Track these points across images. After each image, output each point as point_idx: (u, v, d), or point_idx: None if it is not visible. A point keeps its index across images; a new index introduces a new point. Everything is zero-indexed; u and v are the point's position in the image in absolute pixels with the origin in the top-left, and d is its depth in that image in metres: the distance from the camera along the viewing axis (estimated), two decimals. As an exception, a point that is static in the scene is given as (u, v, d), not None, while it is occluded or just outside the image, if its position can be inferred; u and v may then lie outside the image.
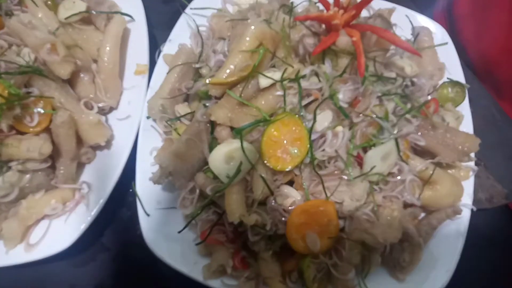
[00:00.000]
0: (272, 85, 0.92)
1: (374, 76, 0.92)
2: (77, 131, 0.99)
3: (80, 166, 1.04)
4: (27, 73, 0.92)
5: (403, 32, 1.12)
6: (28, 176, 0.95)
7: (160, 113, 1.03)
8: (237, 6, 1.17)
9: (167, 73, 1.07)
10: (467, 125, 1.06)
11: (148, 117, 1.06)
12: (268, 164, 0.86)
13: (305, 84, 0.89)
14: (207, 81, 0.94)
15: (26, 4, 1.04)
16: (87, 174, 1.04)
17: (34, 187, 0.97)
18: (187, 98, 1.08)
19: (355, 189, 0.88)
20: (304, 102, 0.88)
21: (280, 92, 0.91)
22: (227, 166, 0.88)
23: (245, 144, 0.87)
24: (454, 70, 1.12)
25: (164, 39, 1.15)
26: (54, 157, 0.98)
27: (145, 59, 1.11)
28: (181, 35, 1.14)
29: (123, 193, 1.08)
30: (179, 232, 0.96)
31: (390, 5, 1.15)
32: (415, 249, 0.95)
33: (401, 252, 0.95)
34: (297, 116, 0.87)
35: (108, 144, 1.04)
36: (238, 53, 0.94)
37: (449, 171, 1.02)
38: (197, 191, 0.96)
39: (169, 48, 1.13)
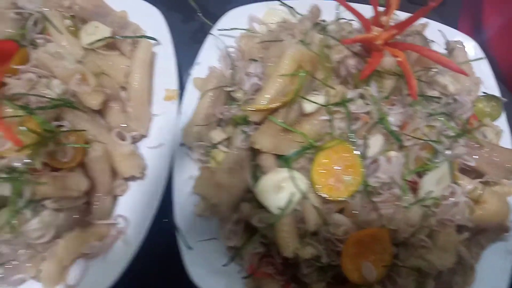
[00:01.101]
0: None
1: (420, 96, 0.90)
2: (111, 163, 0.95)
3: (113, 199, 0.99)
4: (59, 107, 0.87)
5: (436, 47, 1.10)
6: (63, 214, 0.90)
7: (196, 141, 0.99)
8: (265, 25, 1.14)
9: (200, 98, 1.03)
10: (506, 140, 1.05)
11: (181, 145, 1.03)
12: (322, 194, 0.83)
13: (352, 108, 0.87)
14: (248, 108, 0.90)
15: (48, 32, 0.99)
16: (121, 207, 0.99)
17: (70, 225, 0.92)
18: (219, 123, 1.05)
19: (411, 215, 0.85)
20: (353, 127, 0.85)
21: (325, 117, 0.88)
22: (277, 196, 0.84)
23: (295, 173, 0.84)
24: (488, 84, 1.11)
25: (187, 59, 1.11)
26: (88, 192, 0.93)
27: (174, 84, 1.06)
28: (208, 57, 1.11)
29: (156, 223, 1.04)
30: (225, 265, 0.92)
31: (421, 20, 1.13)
32: (467, 271, 0.93)
33: (452, 275, 0.93)
34: (348, 142, 0.84)
35: (141, 174, 1.00)
36: (278, 77, 0.91)
37: (493, 188, 1.00)
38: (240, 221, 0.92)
39: (197, 71, 1.09)
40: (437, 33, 1.13)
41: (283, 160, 0.86)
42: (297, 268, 0.89)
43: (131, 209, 0.98)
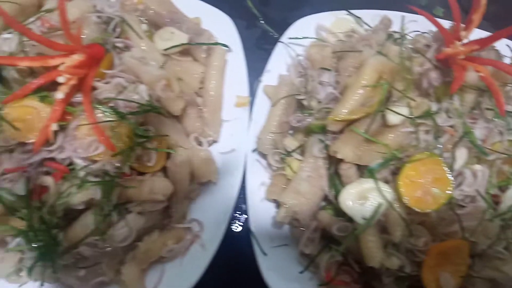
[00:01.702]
0: (398, 120, 0.90)
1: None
2: (190, 168, 0.96)
3: (189, 203, 1.01)
4: (147, 112, 0.89)
5: (508, 61, 1.11)
6: (144, 217, 0.91)
7: (271, 148, 1.00)
8: (333, 35, 1.15)
9: (272, 106, 1.05)
10: None
11: (253, 151, 1.04)
12: (410, 206, 0.84)
13: (438, 121, 0.88)
14: (329, 118, 0.91)
15: (127, 36, 1.00)
16: (194, 212, 1.01)
17: (149, 228, 0.94)
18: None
19: (490, 227, 0.87)
20: (441, 140, 0.86)
21: (409, 129, 0.89)
22: (361, 207, 0.85)
23: (381, 184, 0.85)
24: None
25: (252, 65, 1.12)
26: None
27: (245, 91, 1.08)
28: (277, 65, 1.12)
29: (229, 228, 1.05)
30: (301, 272, 0.94)
31: (485, 32, 1.14)
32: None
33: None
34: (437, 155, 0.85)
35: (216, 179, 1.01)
36: (359, 88, 0.92)
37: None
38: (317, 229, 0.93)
39: (266, 78, 1.10)
40: (504, 48, 1.14)
41: (367, 171, 0.87)
42: (375, 277, 0.90)
43: (205, 213, 1.00)
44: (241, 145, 1.03)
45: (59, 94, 0.80)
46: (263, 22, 1.30)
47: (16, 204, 0.80)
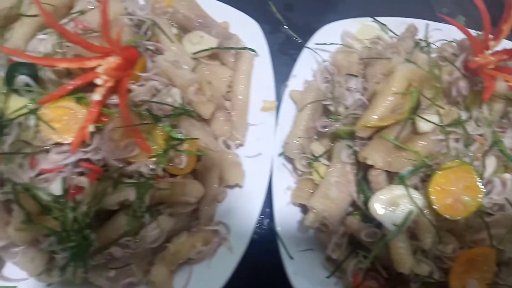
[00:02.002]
0: (427, 128, 0.91)
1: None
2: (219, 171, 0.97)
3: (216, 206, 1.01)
4: (180, 115, 0.90)
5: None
6: (174, 219, 0.92)
7: (299, 153, 1.01)
8: (359, 41, 1.16)
9: (299, 111, 1.06)
10: None
11: (280, 155, 1.05)
12: (440, 213, 0.85)
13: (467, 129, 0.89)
14: (362, 124, 0.92)
15: (158, 39, 1.01)
16: (221, 214, 1.01)
17: (177, 230, 0.94)
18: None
19: (518, 235, 0.88)
20: (471, 149, 0.87)
21: (439, 137, 0.90)
22: (392, 213, 0.86)
23: (412, 191, 0.86)
24: None
25: (275, 69, 1.13)
26: (198, 198, 0.95)
27: (271, 95, 1.09)
28: (303, 70, 1.13)
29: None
30: (328, 277, 0.94)
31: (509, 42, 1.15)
32: None
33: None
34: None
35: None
36: (389, 95, 0.93)
37: None
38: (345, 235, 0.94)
39: (292, 83, 1.11)
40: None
41: (398, 178, 0.88)
42: (402, 283, 0.91)
43: (231, 216, 1.00)
44: (268, 149, 1.04)
45: (96, 96, 0.81)
46: (287, 27, 1.31)
47: (51, 204, 0.81)
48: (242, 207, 1.01)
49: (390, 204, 0.87)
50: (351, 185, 0.95)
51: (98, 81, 0.81)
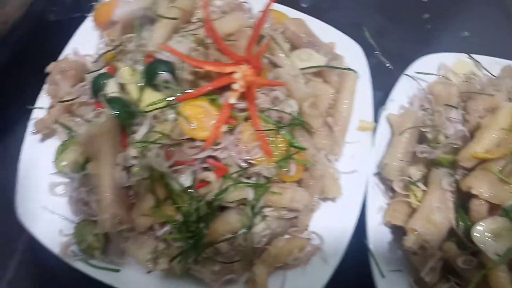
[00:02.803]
0: (532, 165, 0.95)
1: None
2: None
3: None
4: (297, 125, 0.95)
5: None
6: (277, 223, 0.96)
7: (398, 175, 1.05)
8: (454, 75, 1.20)
9: (399, 134, 1.10)
10: None
11: (375, 175, 1.09)
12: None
13: None
14: (471, 154, 0.96)
15: (273, 53, 1.07)
16: (315, 225, 1.05)
17: (277, 234, 0.98)
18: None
19: None
20: None
21: (545, 174, 0.93)
22: (495, 243, 0.89)
23: (515, 224, 0.89)
24: None
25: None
26: (299, 206, 1.00)
27: (370, 116, 1.13)
28: (400, 95, 1.18)
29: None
30: (424, 301, 0.97)
31: None
32: None
33: None
34: None
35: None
36: (495, 129, 0.97)
37: None
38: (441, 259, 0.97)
39: (389, 107, 1.16)
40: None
41: (502, 210, 0.91)
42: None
43: (324, 228, 1.04)
44: (363, 167, 1.08)
45: (232, 99, 0.87)
46: (379, 53, 1.37)
47: (180, 194, 0.86)
48: (336, 221, 1.04)
49: (493, 234, 0.90)
50: (450, 212, 0.98)
51: (235, 86, 0.87)
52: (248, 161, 0.89)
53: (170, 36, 0.98)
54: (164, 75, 0.89)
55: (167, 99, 0.89)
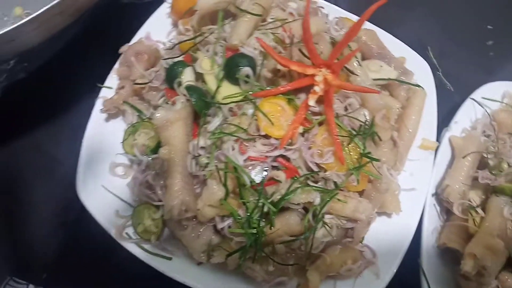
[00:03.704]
0: None
1: None
2: (382, 197, 1.00)
3: (366, 229, 1.04)
4: (369, 135, 0.94)
5: None
6: (336, 231, 0.95)
7: (459, 198, 1.03)
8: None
9: (462, 157, 1.08)
10: None
11: (433, 195, 1.07)
12: None
13: None
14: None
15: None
16: (369, 239, 1.04)
17: (332, 243, 0.97)
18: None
19: None
20: None
21: None
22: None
23: None
24: None
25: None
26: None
27: (433, 136, 1.12)
28: (463, 119, 1.17)
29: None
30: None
31: None
32: None
33: None
34: None
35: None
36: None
37: None
38: None
39: (453, 129, 1.15)
40: None
41: None
42: None
43: (378, 243, 1.03)
44: (422, 186, 1.07)
45: (311, 101, 0.87)
46: (440, 73, 1.35)
47: (249, 189, 0.85)
48: (391, 237, 1.02)
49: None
50: (510, 240, 0.96)
51: (316, 88, 0.87)
52: (319, 165, 0.88)
53: (251, 33, 0.98)
54: (246, 69, 0.89)
55: (246, 93, 0.89)
